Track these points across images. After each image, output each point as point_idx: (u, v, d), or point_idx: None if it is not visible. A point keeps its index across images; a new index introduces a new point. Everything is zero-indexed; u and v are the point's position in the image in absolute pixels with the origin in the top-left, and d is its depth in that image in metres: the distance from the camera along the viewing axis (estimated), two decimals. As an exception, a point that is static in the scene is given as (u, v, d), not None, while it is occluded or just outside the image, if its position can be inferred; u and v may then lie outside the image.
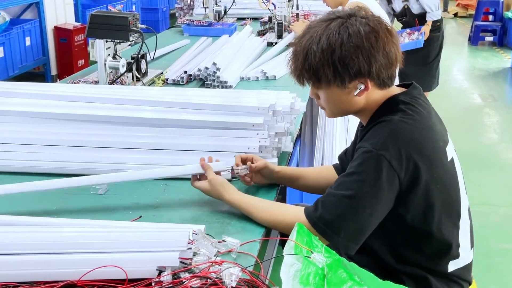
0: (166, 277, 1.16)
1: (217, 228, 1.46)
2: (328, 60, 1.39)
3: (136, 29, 2.53)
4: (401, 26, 4.89)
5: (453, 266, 1.51)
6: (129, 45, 2.89)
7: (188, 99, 1.97)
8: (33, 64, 6.20)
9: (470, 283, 1.57)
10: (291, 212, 1.49)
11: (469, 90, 6.61)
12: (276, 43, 3.61)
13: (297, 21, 3.99)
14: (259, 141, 1.82)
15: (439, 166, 1.43)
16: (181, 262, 1.19)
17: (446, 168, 1.46)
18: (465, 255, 1.53)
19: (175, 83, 2.80)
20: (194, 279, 1.15)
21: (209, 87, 2.72)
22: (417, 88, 1.53)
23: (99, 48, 2.50)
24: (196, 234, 1.28)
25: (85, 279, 1.16)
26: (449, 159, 1.48)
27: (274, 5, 4.00)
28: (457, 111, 5.74)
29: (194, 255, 1.22)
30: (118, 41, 2.58)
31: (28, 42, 6.00)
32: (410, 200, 1.40)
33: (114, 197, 1.66)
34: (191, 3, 4.67)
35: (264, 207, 1.52)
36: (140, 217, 1.52)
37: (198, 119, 1.86)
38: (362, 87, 1.43)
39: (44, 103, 1.97)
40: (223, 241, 1.33)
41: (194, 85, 2.81)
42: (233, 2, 4.39)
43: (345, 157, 1.74)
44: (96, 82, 2.64)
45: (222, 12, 4.35)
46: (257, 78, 2.92)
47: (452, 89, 6.62)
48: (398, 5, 4.74)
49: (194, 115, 1.88)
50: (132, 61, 2.65)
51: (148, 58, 2.87)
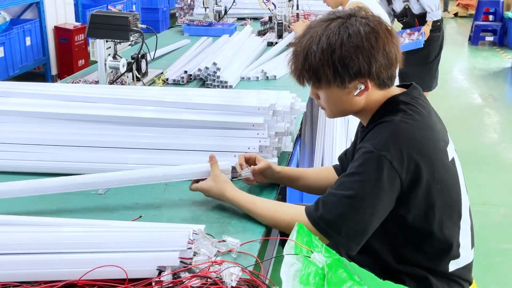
0: (166, 277, 1.16)
1: (217, 228, 1.46)
2: (328, 60, 1.39)
3: (136, 29, 2.53)
4: (401, 27, 4.89)
5: (454, 266, 1.51)
6: (129, 45, 2.89)
7: (188, 99, 1.97)
8: (33, 64, 6.20)
9: (471, 283, 1.57)
10: (292, 211, 1.49)
11: (469, 90, 6.60)
12: (276, 43, 3.61)
13: (298, 21, 3.99)
14: (259, 141, 1.82)
15: (440, 166, 1.43)
16: (181, 262, 1.19)
17: (447, 168, 1.46)
18: (466, 255, 1.53)
19: (175, 83, 2.80)
20: (194, 279, 1.15)
21: (209, 87, 2.72)
22: (417, 89, 1.53)
23: (99, 48, 2.51)
24: (196, 234, 1.28)
25: (85, 279, 1.16)
26: (450, 159, 1.48)
27: (274, 5, 4.01)
28: (457, 111, 5.74)
29: (194, 255, 1.22)
30: (118, 41, 2.58)
31: (28, 42, 6.00)
32: (411, 200, 1.40)
33: (114, 197, 1.66)
34: (191, 3, 4.67)
35: (265, 206, 1.52)
36: (140, 217, 1.52)
37: (199, 119, 1.86)
38: (362, 87, 1.43)
39: (45, 103, 1.97)
40: (223, 241, 1.33)
41: (194, 85, 2.81)
42: (233, 2, 4.39)
43: (345, 158, 1.74)
44: (96, 82, 2.64)
45: (222, 12, 4.35)
46: (257, 78, 2.92)
47: (452, 89, 6.62)
48: (399, 6, 4.74)
49: (195, 115, 1.88)
50: (132, 61, 2.65)
51: (148, 58, 2.87)
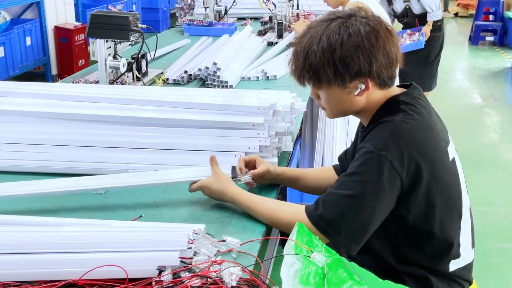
0: (166, 277, 1.16)
1: (217, 228, 1.46)
2: (329, 60, 1.39)
3: (137, 29, 2.53)
4: (402, 27, 4.89)
5: (454, 266, 1.51)
6: (130, 45, 2.89)
7: (189, 99, 1.96)
8: (34, 64, 6.20)
9: (471, 283, 1.57)
10: (292, 210, 1.48)
11: (470, 90, 6.60)
12: (277, 43, 3.61)
13: (298, 21, 3.99)
14: (260, 141, 1.82)
15: (441, 166, 1.43)
16: (181, 262, 1.19)
17: (448, 168, 1.46)
18: (466, 255, 1.53)
19: (176, 83, 2.80)
20: (194, 279, 1.15)
21: (210, 87, 2.72)
22: (417, 89, 1.53)
23: (100, 48, 2.51)
24: (197, 234, 1.28)
25: (86, 279, 1.16)
26: (451, 159, 1.48)
27: (275, 5, 4.00)
28: (458, 111, 5.74)
29: (195, 255, 1.22)
30: (119, 41, 2.58)
31: (29, 42, 6.00)
32: (412, 200, 1.40)
33: (115, 197, 1.66)
34: (192, 3, 4.66)
35: (265, 204, 1.52)
36: (141, 217, 1.52)
37: (199, 119, 1.86)
38: (363, 87, 1.43)
39: (45, 103, 1.97)
40: (223, 241, 1.33)
41: (195, 85, 2.81)
42: (234, 2, 4.38)
43: (345, 158, 1.74)
44: (97, 82, 2.64)
45: (223, 12, 4.35)
46: (258, 78, 2.92)
47: (453, 89, 6.62)
48: (399, 6, 4.74)
49: (195, 115, 1.88)
50: (133, 61, 2.65)
51: (149, 58, 2.87)
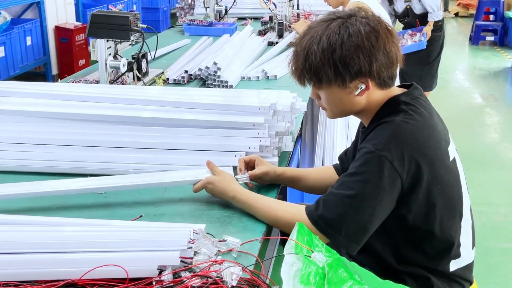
0: (167, 276, 1.16)
1: (218, 228, 1.46)
2: (329, 60, 1.39)
3: (137, 29, 2.53)
4: (403, 27, 4.89)
5: (455, 266, 1.51)
6: (130, 45, 2.90)
7: (189, 99, 1.96)
8: (34, 64, 6.21)
9: (472, 283, 1.57)
10: (292, 210, 1.48)
11: (470, 90, 6.60)
12: (277, 43, 3.61)
13: (299, 21, 3.99)
14: (260, 141, 1.82)
15: (441, 166, 1.43)
16: (182, 261, 1.19)
17: (448, 168, 1.46)
18: (467, 255, 1.53)
19: (176, 83, 2.80)
20: (195, 278, 1.15)
21: (210, 87, 2.72)
22: (418, 89, 1.53)
23: (100, 48, 2.51)
24: (197, 233, 1.28)
25: (86, 278, 1.16)
26: (451, 159, 1.48)
27: (275, 5, 4.01)
28: (458, 111, 5.74)
29: (195, 254, 1.22)
30: (119, 41, 2.59)
31: (29, 42, 6.00)
32: (412, 201, 1.40)
33: (115, 196, 1.66)
34: (192, 3, 4.66)
35: (266, 203, 1.52)
36: (141, 216, 1.52)
37: (199, 119, 1.86)
38: (363, 87, 1.43)
39: (45, 103, 1.97)
40: (224, 240, 1.33)
41: (195, 85, 2.81)
42: (234, 2, 4.38)
43: (346, 158, 1.74)
44: (97, 82, 2.64)
45: (223, 12, 4.35)
46: (258, 78, 2.92)
47: (453, 89, 6.62)
48: (400, 6, 4.74)
49: (195, 115, 1.88)
50: (133, 61, 2.65)
51: (149, 58, 2.87)
